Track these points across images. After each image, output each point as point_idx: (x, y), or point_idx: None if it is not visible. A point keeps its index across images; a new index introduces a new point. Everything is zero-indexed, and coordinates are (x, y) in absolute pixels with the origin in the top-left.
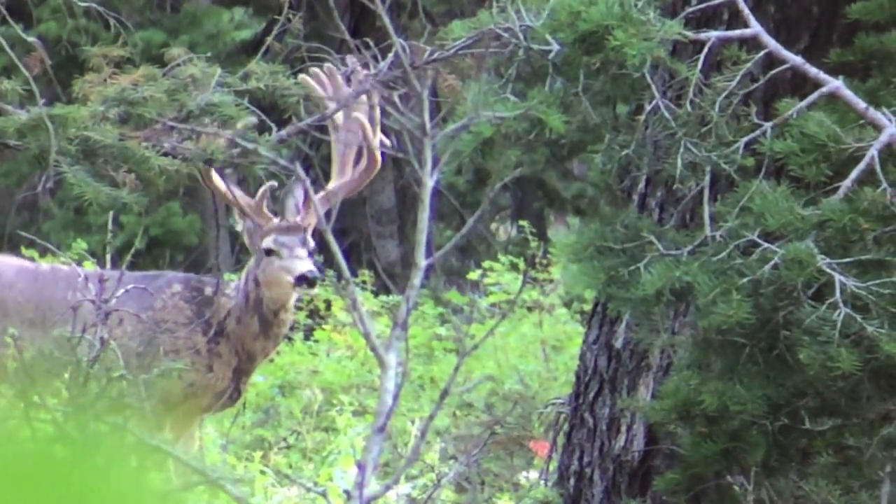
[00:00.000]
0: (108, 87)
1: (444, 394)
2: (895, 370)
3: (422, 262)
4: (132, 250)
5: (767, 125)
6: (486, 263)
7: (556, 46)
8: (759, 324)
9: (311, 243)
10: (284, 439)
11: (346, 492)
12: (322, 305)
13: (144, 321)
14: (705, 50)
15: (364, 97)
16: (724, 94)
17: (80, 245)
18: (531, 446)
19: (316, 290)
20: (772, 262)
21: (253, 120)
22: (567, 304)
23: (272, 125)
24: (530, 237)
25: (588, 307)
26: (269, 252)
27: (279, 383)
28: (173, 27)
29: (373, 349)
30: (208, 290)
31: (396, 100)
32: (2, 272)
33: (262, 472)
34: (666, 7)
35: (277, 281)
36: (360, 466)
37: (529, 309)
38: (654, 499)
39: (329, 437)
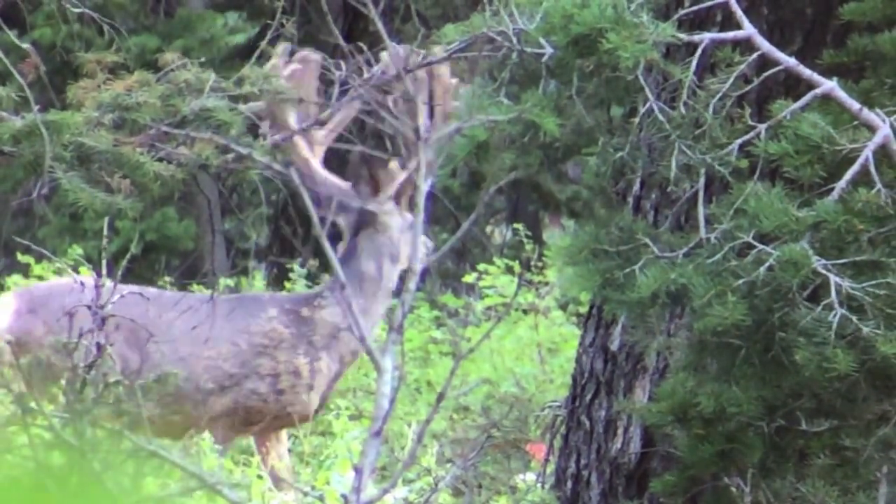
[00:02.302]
0: (102, 92)
1: (441, 397)
2: (891, 371)
3: (417, 265)
4: (127, 256)
5: (761, 127)
6: (481, 266)
7: (549, 49)
8: (754, 325)
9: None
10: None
11: (344, 496)
12: None
13: (239, 344)
14: (699, 52)
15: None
16: (717, 96)
17: (76, 251)
18: (528, 449)
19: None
20: (767, 264)
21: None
22: (563, 307)
23: (266, 129)
24: (525, 240)
25: (584, 310)
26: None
27: None
28: (167, 32)
29: (368, 353)
30: (305, 311)
31: (390, 103)
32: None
33: (260, 477)
34: (659, 9)
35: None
36: (357, 470)
37: (525, 312)
38: (651, 501)
39: (326, 441)
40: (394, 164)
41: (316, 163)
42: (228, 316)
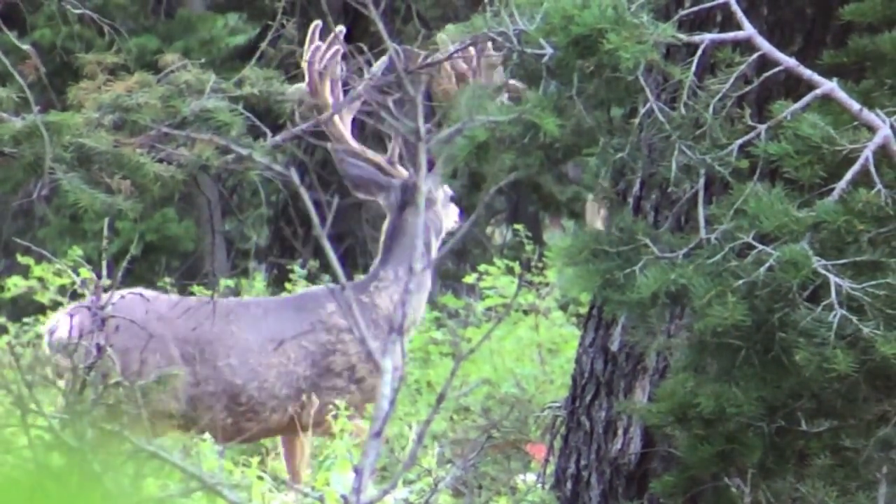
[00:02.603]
0: (102, 93)
1: (441, 398)
2: (891, 371)
3: (418, 265)
4: (128, 257)
5: (762, 127)
6: (481, 267)
7: (549, 50)
8: (754, 326)
9: None
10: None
11: (344, 497)
12: None
13: (307, 346)
14: (699, 52)
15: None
16: (717, 97)
17: (76, 252)
18: (528, 450)
19: None
20: (767, 264)
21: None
22: (563, 308)
23: (267, 130)
24: (526, 241)
25: (584, 310)
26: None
27: None
28: (167, 33)
29: (369, 353)
30: (364, 298)
31: (390, 104)
32: (155, 308)
33: (260, 478)
34: (659, 10)
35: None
36: (358, 471)
37: (525, 312)
38: (652, 501)
39: (326, 441)
40: None
41: (353, 139)
42: (291, 317)
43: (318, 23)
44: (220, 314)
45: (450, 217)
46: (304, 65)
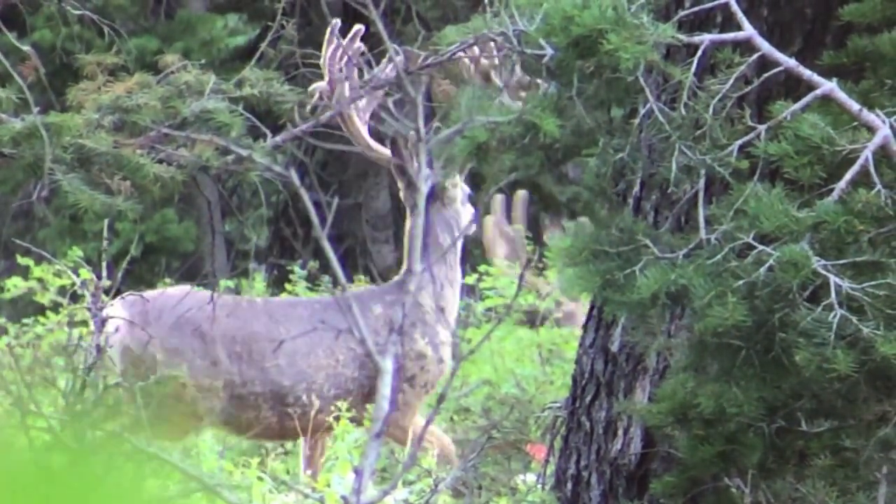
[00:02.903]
0: (102, 94)
1: (442, 398)
2: (891, 371)
3: (418, 267)
4: (128, 258)
5: (761, 128)
6: (482, 268)
7: (549, 51)
8: (754, 326)
9: None
10: (282, 445)
11: (344, 497)
12: None
13: (355, 348)
14: (699, 53)
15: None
16: (717, 97)
17: (76, 253)
18: (528, 450)
19: None
20: (767, 265)
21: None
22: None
23: (267, 131)
24: (525, 241)
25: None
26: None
27: None
28: (167, 34)
29: (369, 354)
30: (408, 299)
31: (391, 105)
32: (206, 307)
33: (260, 479)
34: (659, 10)
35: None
36: (358, 472)
37: (531, 325)
38: (652, 502)
39: (326, 442)
40: None
41: (370, 138)
42: (337, 319)
43: (336, 21)
44: (267, 314)
45: (466, 216)
46: (325, 62)
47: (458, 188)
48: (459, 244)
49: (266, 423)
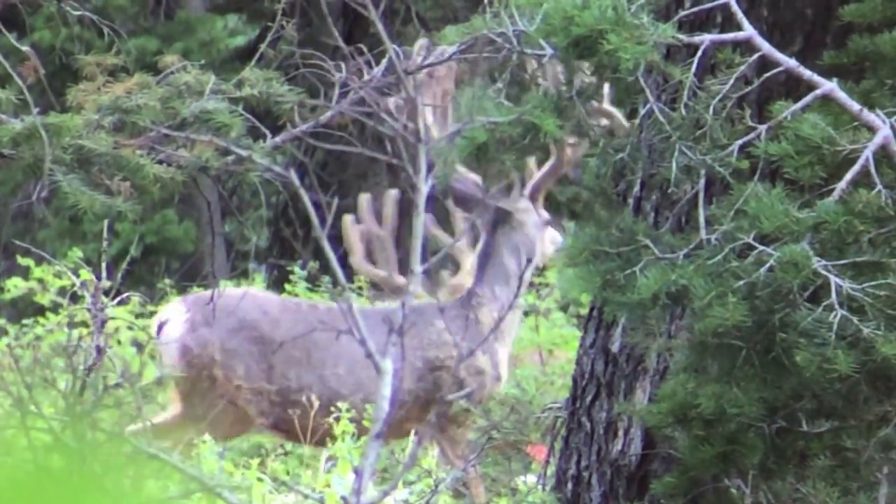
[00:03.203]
0: (102, 95)
1: (441, 399)
2: (892, 371)
3: (417, 267)
4: (127, 258)
5: (762, 128)
6: None
7: (549, 51)
8: (755, 326)
9: None
10: (282, 446)
11: (344, 498)
12: None
13: (414, 362)
14: (699, 53)
15: None
16: (718, 98)
17: (76, 253)
18: (529, 451)
19: None
20: (767, 265)
21: None
22: (563, 308)
23: (266, 132)
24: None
25: (584, 311)
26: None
27: None
28: (167, 35)
29: (369, 355)
30: (470, 314)
31: (390, 105)
32: (267, 310)
33: (260, 480)
34: (659, 11)
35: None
36: (358, 473)
37: (526, 313)
38: (652, 502)
39: (327, 443)
40: (531, 163)
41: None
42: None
43: (425, 41)
44: (331, 319)
45: (549, 241)
46: (424, 77)
47: (531, 213)
48: (528, 273)
49: (321, 428)
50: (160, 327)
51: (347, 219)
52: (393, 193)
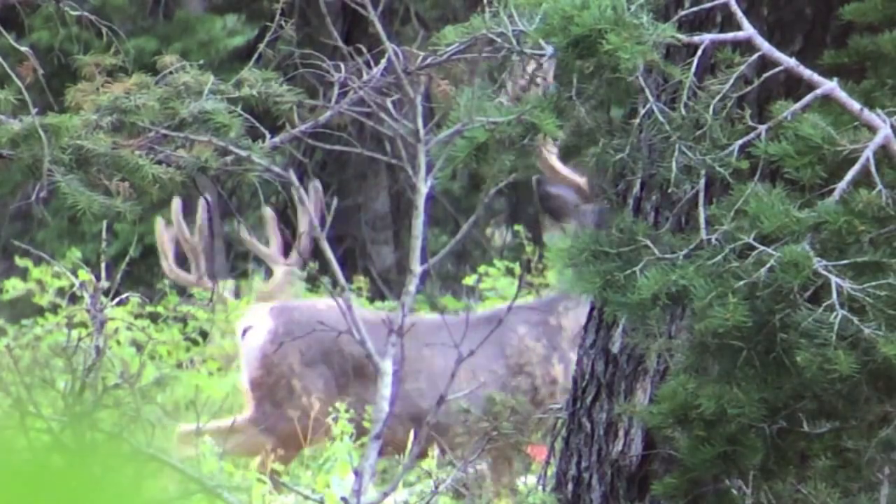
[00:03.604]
0: (100, 95)
1: (441, 400)
2: (893, 372)
3: (417, 267)
4: (127, 259)
5: (762, 128)
6: (481, 268)
7: (549, 51)
8: (755, 327)
9: None
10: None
11: (344, 499)
12: None
13: (496, 370)
14: (699, 53)
15: None
16: (718, 97)
17: (75, 254)
18: (529, 452)
19: None
20: (768, 265)
21: None
22: None
23: (265, 132)
24: (525, 242)
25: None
26: None
27: None
28: (166, 35)
29: (368, 356)
30: (552, 321)
31: (390, 106)
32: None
33: (260, 480)
34: (659, 10)
35: None
36: (358, 473)
37: None
38: (653, 503)
39: (326, 444)
40: None
41: (561, 164)
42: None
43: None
44: (414, 335)
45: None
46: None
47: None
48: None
49: (401, 440)
50: (244, 332)
51: (160, 223)
52: (202, 201)
